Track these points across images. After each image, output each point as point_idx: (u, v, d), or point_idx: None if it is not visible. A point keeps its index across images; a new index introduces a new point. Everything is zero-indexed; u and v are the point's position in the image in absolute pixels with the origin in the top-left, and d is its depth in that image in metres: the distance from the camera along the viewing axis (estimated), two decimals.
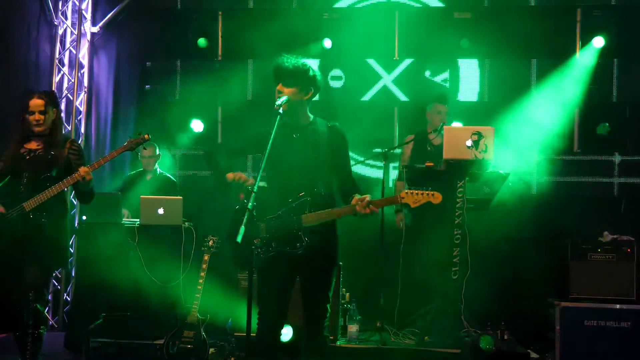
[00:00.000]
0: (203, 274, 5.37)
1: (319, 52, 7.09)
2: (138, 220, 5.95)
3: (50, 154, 4.54)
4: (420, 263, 5.74)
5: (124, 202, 6.28)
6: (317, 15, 7.33)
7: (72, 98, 7.38)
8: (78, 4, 7.40)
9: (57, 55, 7.39)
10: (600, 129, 6.87)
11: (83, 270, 6.19)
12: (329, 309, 3.73)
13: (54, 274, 7.04)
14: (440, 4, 7.42)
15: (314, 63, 3.86)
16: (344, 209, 3.65)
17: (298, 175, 3.64)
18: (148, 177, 6.69)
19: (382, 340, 5.55)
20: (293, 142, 3.69)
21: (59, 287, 7.15)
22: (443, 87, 7.32)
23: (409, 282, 5.91)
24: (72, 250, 7.03)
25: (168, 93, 7.73)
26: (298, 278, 3.74)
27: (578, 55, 7.01)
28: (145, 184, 6.61)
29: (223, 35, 7.53)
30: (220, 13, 7.56)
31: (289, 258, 3.62)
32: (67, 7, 7.47)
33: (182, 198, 5.96)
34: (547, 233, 6.49)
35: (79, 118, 7.42)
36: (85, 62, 7.50)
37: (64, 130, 6.33)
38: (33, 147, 4.58)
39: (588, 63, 6.94)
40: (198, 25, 7.50)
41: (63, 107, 7.38)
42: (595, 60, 6.91)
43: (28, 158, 4.53)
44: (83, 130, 7.40)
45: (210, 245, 5.47)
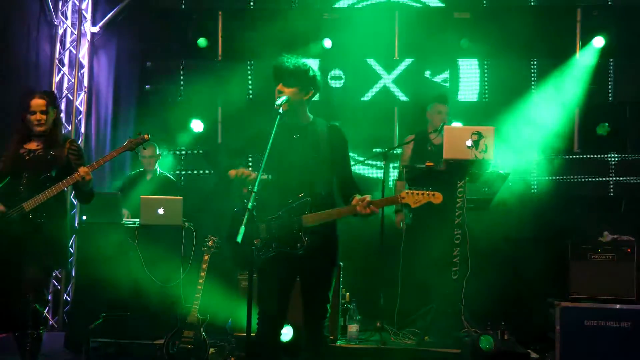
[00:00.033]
0: (203, 274, 5.37)
1: (319, 52, 7.08)
2: (138, 220, 5.95)
3: (50, 154, 4.54)
4: (421, 263, 5.74)
5: (124, 202, 6.29)
6: (317, 15, 7.32)
7: (72, 98, 7.38)
8: (78, 4, 7.39)
9: (57, 55, 7.39)
10: (600, 129, 6.87)
11: (83, 270, 6.20)
12: (329, 309, 3.73)
13: (54, 274, 7.04)
14: (440, 4, 7.42)
15: (314, 63, 3.86)
16: (345, 209, 3.65)
17: (298, 176, 3.64)
18: (148, 177, 6.69)
19: (382, 340, 5.55)
20: (293, 142, 3.69)
21: (59, 287, 7.15)
22: (443, 87, 7.31)
23: (409, 282, 5.91)
24: (72, 250, 7.03)
25: (168, 93, 7.72)
26: (298, 278, 3.73)
27: (578, 55, 7.00)
28: (146, 184, 6.61)
29: (223, 35, 7.53)
30: (220, 13, 7.55)
31: (289, 258, 3.62)
32: (67, 7, 7.47)
33: (182, 198, 5.96)
34: (547, 233, 6.49)
35: (79, 118, 7.42)
36: (85, 62, 7.50)
37: (64, 130, 6.35)
38: (33, 147, 4.58)
39: (588, 63, 6.94)
40: (198, 25, 7.49)
41: (63, 107, 7.38)
42: (596, 60, 6.92)
43: (28, 158, 4.53)
44: (83, 130, 7.40)
45: (211, 245, 5.47)
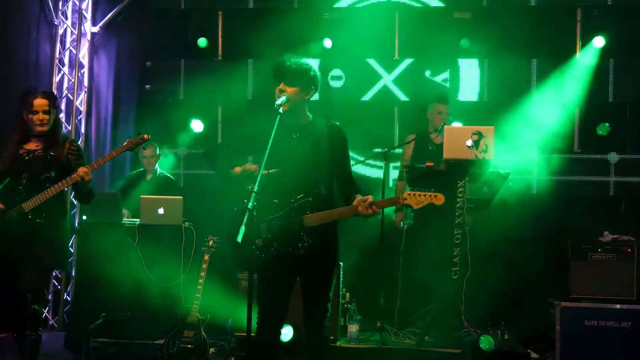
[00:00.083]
0: (203, 274, 5.37)
1: (319, 51, 7.08)
2: (138, 220, 5.95)
3: (50, 155, 4.53)
4: (421, 263, 5.74)
5: (124, 202, 6.29)
6: (317, 15, 7.32)
7: (72, 98, 7.38)
8: (78, 4, 7.39)
9: (57, 55, 7.39)
10: (601, 129, 6.86)
11: (83, 270, 6.20)
12: (330, 309, 3.72)
13: (54, 274, 7.04)
14: (441, 4, 7.41)
15: (314, 63, 3.85)
16: (346, 210, 3.63)
17: (299, 176, 3.62)
18: (148, 177, 6.69)
19: (382, 340, 5.54)
20: (293, 142, 3.68)
21: (59, 287, 7.15)
22: (443, 87, 7.30)
23: (409, 282, 5.90)
24: (72, 250, 7.03)
25: (168, 93, 7.71)
26: (298, 278, 3.73)
27: (578, 55, 7.00)
28: (146, 184, 6.61)
29: (223, 35, 7.53)
30: (220, 13, 7.56)
31: (290, 258, 3.61)
32: (67, 7, 7.47)
33: (182, 198, 5.96)
34: (547, 233, 6.49)
35: (79, 118, 7.42)
36: (86, 62, 7.50)
37: (64, 130, 6.35)
38: (32, 147, 4.57)
39: (588, 63, 6.94)
40: (198, 25, 7.49)
41: (63, 107, 7.38)
42: (596, 61, 6.91)
43: (27, 159, 4.52)
44: (83, 130, 7.40)
45: (211, 245, 5.47)
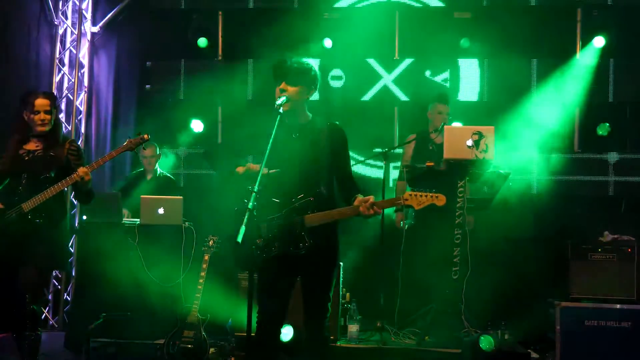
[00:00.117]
0: (203, 274, 5.37)
1: (319, 51, 7.07)
2: (138, 220, 5.95)
3: (50, 155, 4.53)
4: (421, 263, 5.74)
5: (125, 202, 6.29)
6: (317, 15, 7.31)
7: (72, 98, 7.38)
8: (78, 4, 7.39)
9: (57, 55, 7.39)
10: (601, 129, 6.86)
11: (83, 270, 6.20)
12: (330, 309, 3.72)
13: (54, 274, 7.04)
14: (441, 4, 7.40)
15: (315, 63, 3.85)
16: (348, 210, 3.62)
17: (299, 176, 3.62)
18: (148, 177, 6.69)
19: (382, 340, 5.54)
20: (293, 141, 3.67)
21: (59, 287, 7.15)
22: (443, 87, 7.29)
23: (409, 282, 5.90)
24: (72, 250, 7.03)
25: (168, 93, 7.70)
26: (299, 278, 3.73)
27: (578, 55, 7.00)
28: (146, 184, 6.61)
29: (223, 35, 7.53)
30: (220, 13, 7.55)
31: (290, 258, 3.60)
32: (67, 6, 7.47)
33: (182, 198, 5.96)
34: (547, 233, 6.49)
35: (79, 118, 7.42)
36: (86, 62, 7.50)
37: (64, 130, 6.35)
38: (32, 147, 4.57)
39: (588, 63, 6.93)
40: (198, 25, 7.48)
41: (63, 107, 7.38)
42: (596, 60, 6.91)
43: (27, 159, 4.52)
44: (83, 130, 7.40)
45: (211, 245, 5.47)
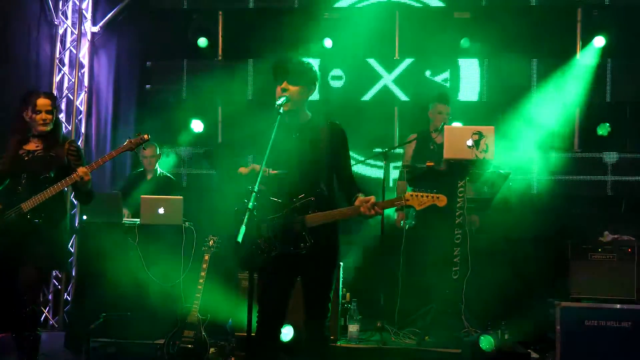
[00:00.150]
0: (203, 274, 5.37)
1: (320, 51, 7.08)
2: (138, 220, 5.95)
3: (50, 155, 4.53)
4: (421, 263, 5.74)
5: (125, 201, 6.29)
6: (317, 15, 7.31)
7: (72, 98, 7.38)
8: (78, 4, 7.39)
9: (57, 55, 7.39)
10: (601, 129, 6.86)
11: (83, 270, 6.21)
12: (330, 309, 3.72)
13: (54, 274, 7.04)
14: (441, 4, 7.40)
15: (315, 63, 3.85)
16: (349, 210, 3.62)
17: (300, 175, 3.62)
18: (148, 176, 6.69)
19: (382, 340, 5.54)
20: (293, 141, 3.67)
21: (59, 287, 7.14)
22: (443, 86, 7.29)
23: (410, 282, 5.90)
24: (72, 250, 7.03)
25: (168, 93, 7.71)
26: (299, 277, 3.72)
27: (578, 55, 7.00)
28: (146, 184, 6.61)
29: (223, 35, 7.53)
30: (221, 13, 7.55)
31: (291, 258, 3.60)
32: (67, 6, 7.47)
33: (182, 198, 5.96)
34: (547, 233, 6.48)
35: (79, 118, 7.42)
36: (86, 61, 7.50)
37: (64, 130, 6.35)
38: (32, 148, 4.56)
39: (588, 63, 6.93)
40: (198, 25, 7.49)
41: (63, 107, 7.38)
42: (596, 60, 6.91)
43: (27, 159, 4.51)
44: (83, 130, 7.40)
45: (211, 245, 5.47)
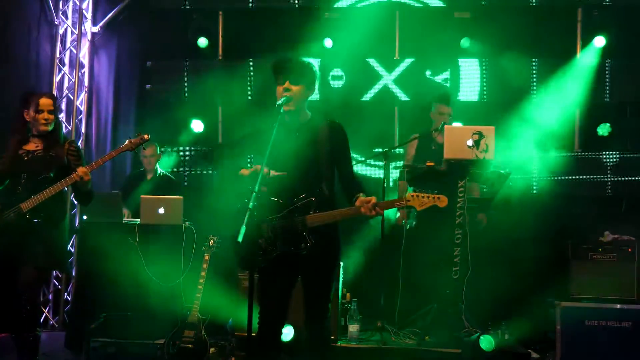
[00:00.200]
0: (204, 274, 5.37)
1: (320, 51, 7.07)
2: (138, 220, 5.95)
3: (50, 155, 4.52)
4: (421, 263, 5.74)
5: (125, 201, 6.29)
6: (317, 15, 7.31)
7: (72, 98, 7.38)
8: (78, 4, 7.40)
9: (57, 55, 7.39)
10: (601, 129, 6.86)
11: (83, 270, 6.20)
12: (330, 309, 3.72)
13: (54, 274, 7.04)
14: (441, 4, 7.40)
15: (315, 62, 3.86)
16: (350, 211, 3.62)
17: (301, 175, 3.62)
18: (149, 176, 6.69)
19: (382, 340, 5.54)
20: (294, 141, 3.66)
21: (59, 287, 7.15)
22: (443, 86, 7.29)
23: (410, 281, 5.90)
24: (72, 250, 7.03)
25: (169, 93, 7.70)
26: (299, 277, 3.72)
27: (579, 55, 7.00)
28: (146, 184, 6.61)
29: (223, 35, 7.53)
30: (221, 13, 7.54)
31: (291, 258, 3.61)
32: (67, 6, 7.48)
33: (182, 198, 5.96)
34: (547, 233, 6.47)
35: (80, 118, 7.43)
36: (86, 61, 7.50)
37: (64, 130, 6.35)
38: (32, 148, 4.56)
39: (589, 63, 6.93)
40: (198, 25, 7.48)
41: (63, 106, 7.39)
42: (597, 60, 6.91)
43: (27, 159, 4.51)
44: (83, 130, 7.41)
45: (211, 245, 5.47)
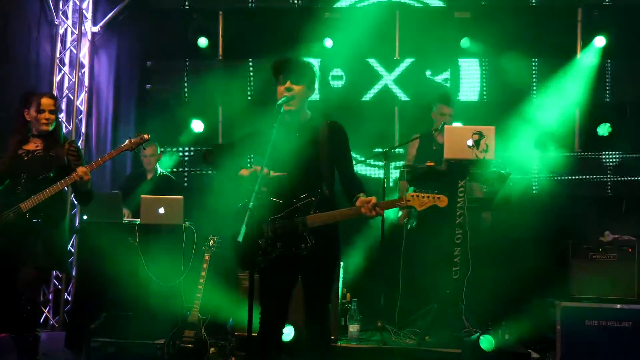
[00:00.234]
0: (204, 274, 5.37)
1: (320, 51, 7.06)
2: (139, 220, 5.95)
3: (49, 155, 4.53)
4: (421, 262, 5.74)
5: (125, 201, 6.28)
6: (317, 15, 7.30)
7: (72, 98, 7.38)
8: (79, 4, 7.39)
9: (57, 55, 7.39)
10: (602, 129, 6.86)
11: (84, 270, 6.20)
12: (331, 309, 3.72)
13: (54, 274, 7.04)
14: (441, 4, 7.39)
15: (315, 62, 3.86)
16: (350, 211, 3.62)
17: (301, 175, 3.62)
18: (149, 176, 6.69)
19: (382, 340, 5.54)
20: (294, 141, 3.65)
21: (60, 286, 7.14)
22: (444, 86, 7.29)
23: (410, 281, 5.90)
24: (72, 250, 7.03)
25: (169, 93, 7.70)
26: (299, 277, 3.72)
27: (579, 55, 7.00)
28: (146, 184, 6.61)
29: (223, 35, 7.53)
30: (221, 13, 7.54)
31: (292, 258, 3.61)
32: (67, 6, 7.47)
33: (182, 198, 5.95)
34: (548, 233, 6.47)
35: (80, 118, 7.43)
36: (86, 61, 7.50)
37: (64, 130, 6.35)
38: (32, 148, 4.56)
39: (589, 63, 6.93)
40: (198, 25, 7.48)
41: (64, 106, 7.38)
42: (597, 60, 6.91)
43: (26, 159, 4.51)
44: (84, 130, 7.40)
45: (211, 245, 5.47)
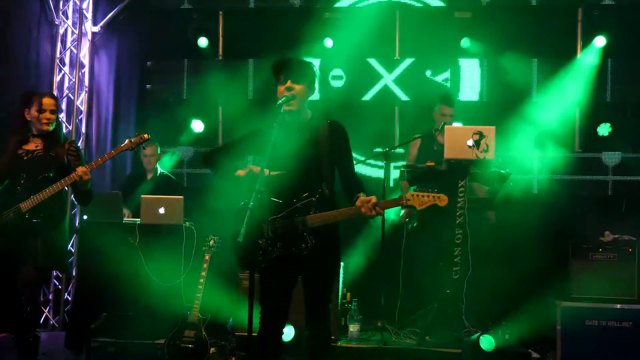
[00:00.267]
0: (204, 274, 5.37)
1: (320, 51, 7.06)
2: (139, 220, 5.95)
3: (49, 155, 4.53)
4: (422, 262, 5.73)
5: (125, 201, 6.28)
6: (318, 15, 7.30)
7: (72, 98, 7.38)
8: (79, 4, 7.39)
9: (57, 55, 7.39)
10: (602, 129, 6.86)
11: (84, 270, 6.20)
12: (331, 309, 3.72)
13: (54, 274, 7.04)
14: (441, 4, 7.40)
15: (315, 62, 3.86)
16: (350, 211, 3.61)
17: (301, 175, 3.61)
18: (149, 176, 6.69)
19: (383, 340, 5.54)
20: (295, 141, 3.65)
21: (60, 286, 7.14)
22: (444, 86, 7.29)
23: (410, 281, 5.90)
24: (72, 250, 7.03)
25: (169, 93, 7.70)
26: (300, 277, 3.72)
27: (579, 55, 7.00)
28: (146, 184, 6.61)
29: (224, 35, 7.53)
30: (221, 13, 7.55)
31: (292, 258, 3.61)
32: (67, 6, 7.47)
33: (182, 197, 5.96)
34: (548, 233, 6.47)
35: (80, 118, 7.42)
36: (86, 61, 7.50)
37: (64, 130, 6.36)
38: (31, 147, 4.56)
39: (589, 62, 6.93)
40: (198, 25, 7.48)
41: (64, 106, 7.38)
42: (597, 60, 6.91)
43: (26, 159, 4.51)
44: (84, 130, 7.40)
45: (211, 245, 5.47)
